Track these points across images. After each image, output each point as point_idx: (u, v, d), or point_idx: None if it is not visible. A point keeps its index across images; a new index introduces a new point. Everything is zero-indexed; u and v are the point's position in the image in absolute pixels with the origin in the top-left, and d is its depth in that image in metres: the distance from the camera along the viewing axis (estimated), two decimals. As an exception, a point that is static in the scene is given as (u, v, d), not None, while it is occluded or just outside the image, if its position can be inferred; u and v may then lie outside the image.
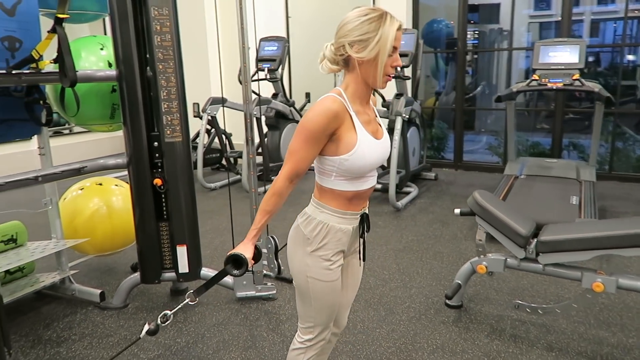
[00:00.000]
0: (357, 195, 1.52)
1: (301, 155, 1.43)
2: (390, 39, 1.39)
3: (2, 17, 2.46)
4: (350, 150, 1.43)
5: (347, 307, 1.76)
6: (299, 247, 1.56)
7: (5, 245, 2.81)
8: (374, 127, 1.52)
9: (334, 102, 1.41)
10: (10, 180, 2.32)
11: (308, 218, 1.54)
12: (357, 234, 1.59)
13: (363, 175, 1.50)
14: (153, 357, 2.36)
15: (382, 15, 1.40)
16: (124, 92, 2.58)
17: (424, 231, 4.01)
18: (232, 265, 1.46)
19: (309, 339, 1.63)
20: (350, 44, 1.41)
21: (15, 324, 2.72)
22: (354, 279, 1.72)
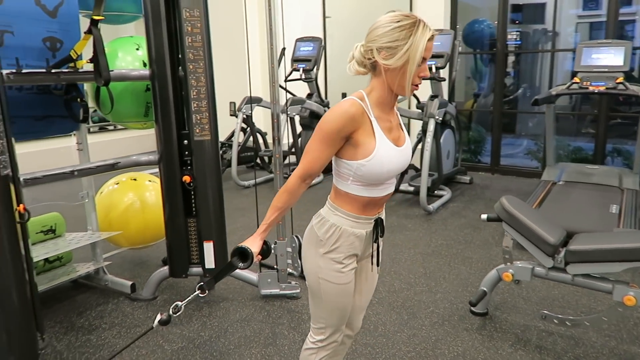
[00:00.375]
0: (372, 202, 1.51)
1: (315, 155, 1.44)
2: (421, 49, 1.36)
3: (45, 19, 2.59)
4: (368, 155, 1.42)
5: (361, 311, 1.76)
6: (312, 248, 1.57)
7: (44, 235, 2.95)
8: (395, 134, 1.51)
9: (352, 106, 1.41)
10: (49, 173, 2.44)
11: (322, 220, 1.55)
12: (371, 239, 1.58)
13: (380, 182, 1.49)
14: (177, 349, 2.43)
15: (415, 23, 1.37)
16: (156, 91, 2.66)
17: (454, 236, 3.94)
18: (239, 258, 1.48)
19: (321, 340, 1.64)
20: (379, 50, 1.40)
21: (52, 310, 2.85)
22: (368, 283, 1.71)
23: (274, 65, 2.75)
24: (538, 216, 2.57)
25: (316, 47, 5.78)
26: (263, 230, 1.53)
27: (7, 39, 2.44)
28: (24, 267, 2.04)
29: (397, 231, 4.07)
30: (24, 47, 2.50)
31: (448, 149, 5.26)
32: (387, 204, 5.01)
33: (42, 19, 2.58)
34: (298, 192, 1.49)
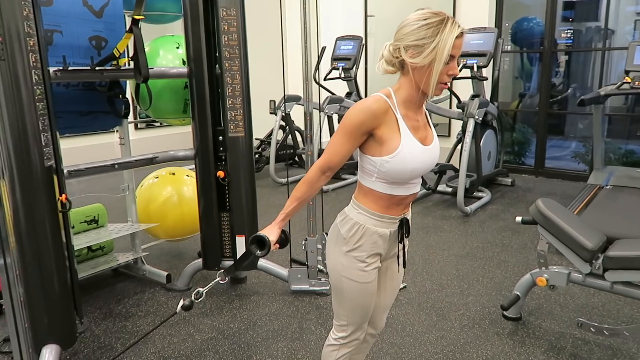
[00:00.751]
0: (396, 200, 1.50)
1: (335, 148, 1.45)
2: (448, 47, 1.34)
3: (91, 19, 2.72)
4: (392, 152, 1.42)
5: (384, 310, 1.75)
6: (335, 245, 1.57)
7: (87, 225, 3.10)
8: (422, 134, 1.49)
9: (376, 102, 1.41)
10: (91, 166, 2.56)
11: (345, 218, 1.55)
12: (396, 239, 1.57)
13: (404, 180, 1.47)
14: (206, 339, 2.50)
15: (443, 20, 1.35)
16: (193, 88, 2.74)
17: (491, 238, 3.85)
18: (257, 245, 1.51)
19: (342, 337, 1.64)
20: (406, 48, 1.39)
21: (93, 297, 2.99)
22: (392, 282, 1.70)
23: (307, 64, 2.77)
24: (576, 220, 2.48)
25: (356, 45, 5.77)
26: (281, 220, 1.54)
27: (56, 38, 2.58)
28: (65, 255, 2.15)
29: (432, 232, 4.02)
30: (71, 45, 2.64)
31: (489, 150, 5.14)
32: (424, 204, 4.98)
33: (88, 18, 2.71)
34: (317, 184, 1.50)
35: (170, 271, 3.19)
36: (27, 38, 1.90)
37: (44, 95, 1.99)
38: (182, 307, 1.62)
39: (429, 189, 4.89)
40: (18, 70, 1.89)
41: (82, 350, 2.41)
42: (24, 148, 1.93)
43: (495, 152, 5.32)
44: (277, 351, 2.39)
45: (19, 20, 1.87)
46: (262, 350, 2.40)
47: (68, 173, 2.46)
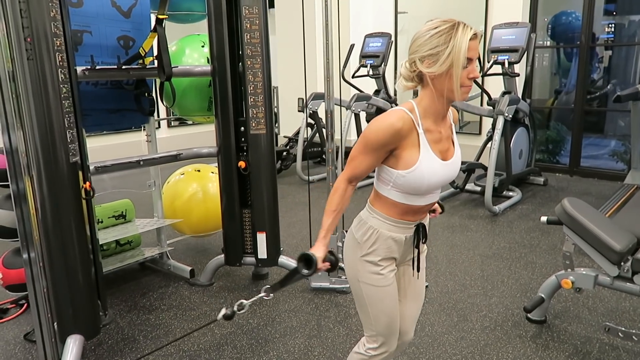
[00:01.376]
0: (412, 209, 1.48)
1: (358, 162, 1.44)
2: (463, 50, 1.32)
3: (119, 19, 2.79)
4: (410, 168, 1.40)
5: (411, 320, 1.70)
6: (351, 251, 1.56)
7: (115, 219, 3.19)
8: (444, 147, 1.47)
9: (400, 120, 1.38)
10: (117, 162, 2.63)
11: (360, 222, 1.54)
12: (412, 244, 1.55)
13: (420, 193, 1.46)
14: (226, 334, 2.53)
15: (454, 26, 1.33)
16: (216, 86, 2.78)
17: (519, 239, 3.76)
18: (304, 264, 1.47)
19: (373, 348, 1.61)
20: (421, 60, 1.37)
21: (119, 290, 3.08)
22: (414, 289, 1.66)
23: (329, 60, 2.76)
24: (604, 220, 2.39)
25: (385, 43, 5.72)
26: (323, 237, 1.51)
27: (85, 38, 2.66)
28: (89, 248, 2.22)
29: (458, 232, 3.95)
30: (100, 45, 2.72)
31: (520, 148, 5.01)
32: (451, 203, 4.90)
33: (117, 19, 2.78)
34: (347, 193, 1.49)
35: (195, 266, 3.25)
36: (54, 38, 1.97)
37: (70, 94, 2.06)
38: (224, 317, 1.59)
39: (456, 188, 4.81)
40: (45, 70, 1.95)
41: (107, 342, 2.48)
42: (51, 144, 2.00)
43: (527, 151, 5.19)
44: (294, 347, 2.40)
45: (47, 21, 1.94)
46: (279, 346, 2.42)
47: (95, 169, 2.54)
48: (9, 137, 1.76)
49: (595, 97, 6.63)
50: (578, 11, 6.59)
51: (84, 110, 2.76)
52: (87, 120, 2.82)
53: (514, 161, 4.83)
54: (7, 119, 1.85)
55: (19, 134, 1.83)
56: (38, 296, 1.84)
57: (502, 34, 4.79)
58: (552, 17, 6.60)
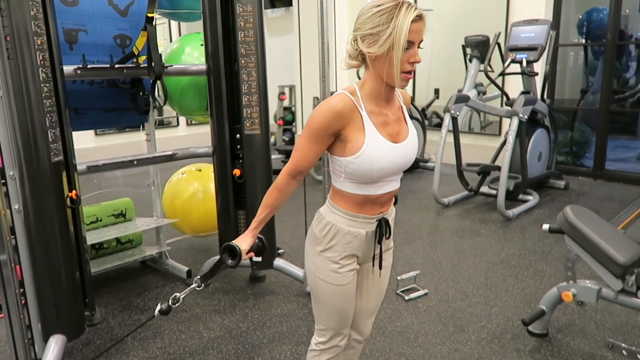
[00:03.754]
0: (369, 200, 1.42)
1: (302, 152, 1.39)
2: (405, 32, 1.24)
3: (116, 18, 2.78)
4: (356, 152, 1.33)
5: (369, 315, 1.66)
6: (310, 246, 1.52)
7: (115, 218, 3.20)
8: (393, 129, 1.40)
9: (341, 101, 1.33)
10: (110, 162, 2.63)
11: (319, 217, 1.49)
12: (373, 240, 1.48)
13: (373, 180, 1.38)
14: (213, 337, 2.50)
15: (398, 4, 1.25)
16: (211, 85, 2.74)
17: (531, 245, 3.60)
18: (228, 255, 1.46)
19: (322, 342, 1.58)
20: (362, 38, 1.31)
21: (117, 288, 3.08)
22: (375, 286, 1.62)
23: (324, 60, 2.68)
24: (610, 230, 2.24)
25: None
26: (254, 228, 1.50)
27: (81, 37, 2.66)
28: (74, 249, 2.21)
29: (467, 236, 3.81)
30: (96, 44, 2.71)
31: (539, 150, 4.82)
32: (464, 206, 4.76)
33: (113, 17, 2.78)
34: (288, 189, 1.44)
35: (194, 266, 3.23)
36: (35, 37, 1.96)
37: (52, 93, 2.05)
38: (160, 312, 1.60)
39: (470, 191, 4.66)
40: (27, 69, 1.95)
41: (95, 341, 2.48)
42: (32, 143, 1.99)
43: (547, 153, 4.99)
44: (280, 354, 2.34)
45: (28, 20, 1.93)
46: (265, 352, 2.36)
47: (87, 168, 2.54)
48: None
49: (625, 97, 6.33)
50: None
51: (81, 109, 2.79)
52: (84, 118, 2.83)
53: (532, 164, 4.64)
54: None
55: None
56: (9, 298, 1.83)
57: (521, 31, 4.61)
58: (585, 13, 6.33)
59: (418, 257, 3.44)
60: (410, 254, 3.50)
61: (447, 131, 4.38)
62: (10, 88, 1.92)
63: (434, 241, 3.74)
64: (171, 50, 3.22)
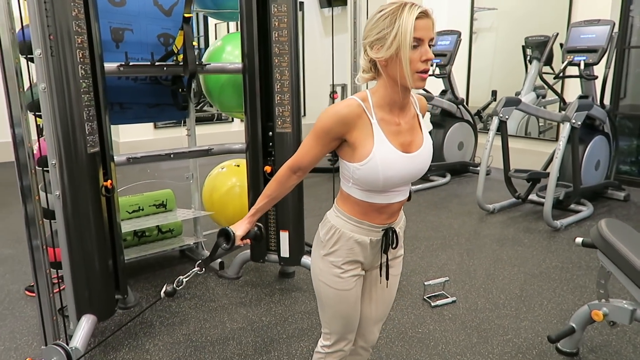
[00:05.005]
0: (375, 208, 1.41)
1: (305, 149, 1.40)
2: (409, 30, 1.22)
3: (160, 17, 2.91)
4: (363, 159, 1.33)
5: (375, 323, 1.64)
6: (316, 249, 1.53)
7: (156, 208, 3.35)
8: (405, 138, 1.38)
9: (348, 107, 1.33)
10: (148, 154, 2.75)
11: (325, 220, 1.50)
12: (379, 248, 1.47)
13: (379, 189, 1.37)
14: (236, 329, 2.56)
15: (400, 6, 1.25)
16: (246, 83, 2.81)
17: (576, 259, 3.40)
18: (224, 239, 1.49)
19: (327, 345, 1.59)
20: (371, 46, 1.31)
21: (154, 274, 3.24)
22: (382, 295, 1.59)
23: (355, 61, 2.68)
24: (649, 248, 2.08)
25: (453, 41, 5.46)
26: (251, 215, 1.53)
27: (126, 36, 2.81)
28: (106, 235, 2.35)
29: (508, 245, 3.67)
30: (141, 42, 2.85)
31: (598, 159, 4.54)
32: (510, 214, 4.61)
33: (158, 17, 2.91)
34: (287, 183, 1.46)
35: (227, 258, 3.32)
36: (76, 36, 2.09)
37: (90, 88, 2.18)
38: (165, 293, 1.65)
39: (518, 198, 4.47)
40: (67, 65, 2.08)
41: (125, 324, 2.62)
42: (71, 135, 2.13)
43: (606, 162, 4.69)
44: (297, 350, 2.37)
45: (69, 20, 2.06)
46: (282, 347, 2.40)
47: (127, 160, 2.68)
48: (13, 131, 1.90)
49: None
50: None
51: (126, 104, 2.95)
52: (128, 113, 2.99)
53: (588, 172, 4.39)
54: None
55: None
56: (40, 281, 1.97)
57: (580, 32, 4.37)
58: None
59: (452, 263, 3.35)
60: (445, 260, 3.41)
61: (494, 135, 4.23)
62: (52, 83, 2.06)
63: (471, 248, 3.63)
64: (214, 48, 3.32)
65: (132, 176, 4.51)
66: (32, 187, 1.94)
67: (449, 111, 5.61)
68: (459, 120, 5.72)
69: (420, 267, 3.30)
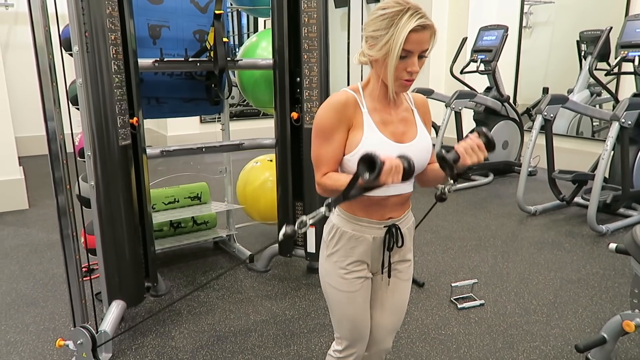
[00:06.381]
0: (374, 202, 1.38)
1: (324, 157, 1.32)
2: (401, 41, 1.20)
3: (196, 14, 2.99)
4: (353, 149, 1.32)
5: (388, 332, 1.59)
6: (322, 250, 1.52)
7: (191, 200, 3.45)
8: (396, 129, 1.36)
9: (342, 94, 1.33)
10: (180, 148, 2.84)
11: (328, 220, 1.48)
12: (382, 247, 1.45)
13: None
14: (259, 321, 2.61)
15: (402, 10, 1.21)
16: (276, 79, 2.84)
17: (619, 266, 3.22)
18: (366, 167, 1.13)
19: (338, 350, 1.56)
20: (366, 39, 1.30)
21: (187, 264, 3.34)
22: (392, 301, 1.55)
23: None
24: (690, 257, 1.94)
25: (500, 36, 5.28)
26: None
27: (163, 32, 2.90)
28: (136, 224, 2.44)
29: (547, 249, 3.52)
30: (177, 39, 2.94)
31: (653, 161, 4.26)
32: (553, 217, 4.47)
33: (194, 14, 2.99)
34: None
35: (258, 252, 3.38)
36: (110, 33, 2.18)
37: (123, 83, 2.28)
38: (284, 235, 1.36)
39: (562, 200, 4.28)
40: (102, 61, 2.18)
41: (155, 310, 2.72)
42: (104, 128, 2.23)
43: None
44: (316, 345, 2.38)
45: (104, 18, 2.16)
46: (302, 341, 2.41)
47: (161, 153, 2.78)
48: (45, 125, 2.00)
49: None
50: None
51: (162, 98, 3.05)
52: (164, 107, 3.09)
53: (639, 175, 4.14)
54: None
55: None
56: (70, 268, 2.08)
57: (636, 26, 4.13)
58: None
59: (485, 265, 3.26)
60: (477, 261, 3.32)
61: (537, 134, 4.06)
62: (87, 78, 2.16)
63: (507, 250, 3.51)
64: (249, 44, 3.38)
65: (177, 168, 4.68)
66: (63, 178, 2.05)
67: (493, 109, 5.43)
68: (504, 119, 5.53)
69: (451, 267, 3.23)
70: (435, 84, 6.42)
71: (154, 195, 3.23)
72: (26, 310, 2.72)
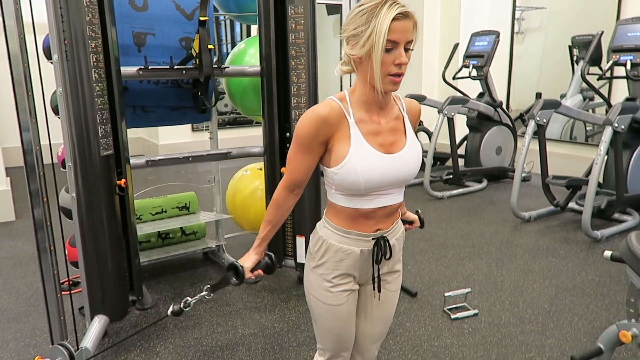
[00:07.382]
0: (361, 214, 1.34)
1: (294, 164, 1.33)
2: (384, 31, 1.15)
3: (182, 21, 2.94)
4: (340, 162, 1.27)
5: (373, 341, 1.55)
6: (307, 261, 1.47)
7: (179, 210, 3.38)
8: (385, 139, 1.31)
9: (326, 107, 1.27)
10: (166, 157, 2.78)
11: (314, 231, 1.44)
12: (370, 259, 1.39)
13: (361, 192, 1.30)
14: (247, 334, 2.54)
15: (379, 3, 1.17)
16: (264, 86, 2.79)
17: (615, 273, 3.18)
18: (233, 273, 1.43)
19: None
20: (347, 40, 1.25)
21: (175, 276, 3.26)
22: (378, 312, 1.50)
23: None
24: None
25: (491, 42, 5.26)
26: (257, 246, 1.45)
27: (148, 40, 2.85)
28: (119, 236, 2.38)
29: (542, 256, 3.47)
30: (163, 46, 2.89)
31: (647, 166, 4.23)
32: (547, 223, 4.42)
33: (180, 21, 2.94)
34: (287, 203, 1.40)
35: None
36: (90, 41, 2.13)
37: (104, 92, 2.22)
38: (172, 313, 1.53)
39: (556, 206, 4.23)
40: (82, 69, 2.12)
41: (140, 324, 2.65)
42: (85, 138, 2.17)
43: (657, 169, 4.37)
44: (306, 358, 2.31)
45: (84, 25, 2.10)
46: (291, 355, 2.35)
47: (146, 162, 2.72)
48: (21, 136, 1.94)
49: None
50: None
51: (148, 107, 2.99)
52: (151, 116, 3.03)
53: (634, 180, 4.11)
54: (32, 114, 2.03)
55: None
56: (47, 283, 2.01)
57: (627, 30, 4.11)
58: None
59: (479, 274, 3.20)
60: (471, 269, 3.27)
61: (530, 139, 4.03)
62: (68, 86, 2.10)
63: (501, 258, 3.46)
64: (238, 51, 3.33)
65: (168, 177, 4.61)
66: (40, 191, 1.98)
67: (486, 114, 5.40)
68: (497, 124, 5.50)
69: (444, 276, 3.17)
70: (428, 90, 6.39)
71: (141, 205, 3.16)
72: (7, 325, 2.64)
